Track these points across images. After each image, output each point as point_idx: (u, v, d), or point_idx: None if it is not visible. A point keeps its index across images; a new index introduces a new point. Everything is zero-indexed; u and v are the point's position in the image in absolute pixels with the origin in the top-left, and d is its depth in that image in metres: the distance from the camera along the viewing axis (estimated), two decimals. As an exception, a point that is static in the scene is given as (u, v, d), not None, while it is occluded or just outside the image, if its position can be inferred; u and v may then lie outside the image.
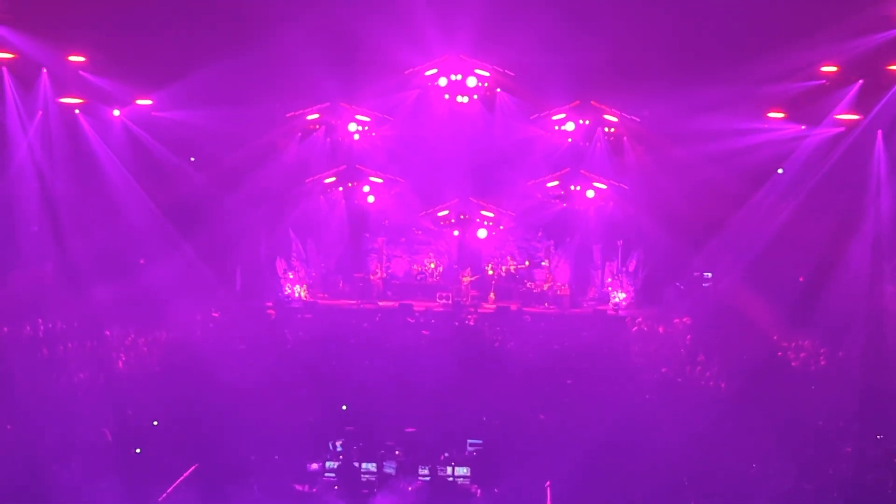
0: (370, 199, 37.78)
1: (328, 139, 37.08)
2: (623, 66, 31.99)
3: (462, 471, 19.55)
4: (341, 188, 37.87)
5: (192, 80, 31.48)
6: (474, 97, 36.09)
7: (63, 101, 31.90)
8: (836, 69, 30.58)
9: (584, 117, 36.27)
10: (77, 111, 32.84)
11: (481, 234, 37.39)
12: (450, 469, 19.53)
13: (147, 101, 33.27)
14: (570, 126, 36.40)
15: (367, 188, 37.68)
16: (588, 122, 36.29)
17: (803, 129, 32.96)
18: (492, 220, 37.54)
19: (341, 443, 20.18)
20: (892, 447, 19.27)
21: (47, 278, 30.75)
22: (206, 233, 33.92)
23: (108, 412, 19.79)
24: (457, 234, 37.85)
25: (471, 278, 36.25)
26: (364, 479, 19.40)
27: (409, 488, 18.47)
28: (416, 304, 34.74)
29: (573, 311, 35.27)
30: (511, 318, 33.29)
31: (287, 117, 35.90)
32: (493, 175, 37.15)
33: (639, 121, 35.51)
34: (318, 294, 36.82)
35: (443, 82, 35.64)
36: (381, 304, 35.07)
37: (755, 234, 33.08)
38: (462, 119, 36.45)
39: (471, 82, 35.70)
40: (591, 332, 30.40)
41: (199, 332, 27.95)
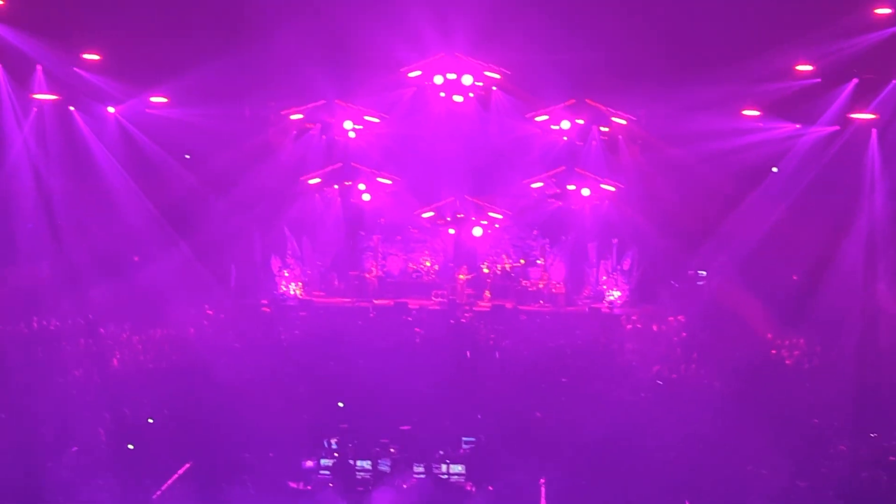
0: (366, 197, 37.76)
1: (323, 137, 37.05)
2: (618, 65, 31.95)
3: (457, 468, 19.58)
4: (336, 186, 37.85)
5: (186, 78, 31.44)
6: (470, 95, 36.06)
7: (37, 97, 31.73)
8: (830, 68, 30.57)
9: (579, 116, 36.26)
10: (72, 108, 32.82)
11: (477, 232, 37.39)
12: (445, 467, 19.56)
13: (162, 99, 33.22)
14: (565, 125, 36.39)
15: (362, 186, 37.66)
16: (583, 121, 36.25)
17: (798, 127, 33.00)
18: (487, 219, 37.56)
19: (336, 440, 20.19)
20: (886, 445, 19.33)
21: (42, 276, 30.71)
22: (201, 231, 33.90)
23: (103, 410, 19.80)
24: (452, 232, 37.86)
25: (466, 276, 36.26)
26: (359, 477, 19.42)
27: (405, 486, 18.48)
28: (412, 302, 34.72)
29: (568, 309, 35.28)
30: (506, 316, 33.30)
31: (282, 115, 35.85)
32: (488, 173, 37.14)
33: (634, 119, 35.51)
34: (314, 292, 36.81)
35: (438, 80, 35.61)
36: (376, 302, 35.05)
37: (749, 232, 33.12)
38: (458, 117, 36.42)
39: (466, 81, 35.65)
40: (585, 331, 30.41)
41: (194, 329, 27.90)
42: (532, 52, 32.70)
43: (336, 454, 19.84)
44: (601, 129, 36.33)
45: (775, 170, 33.84)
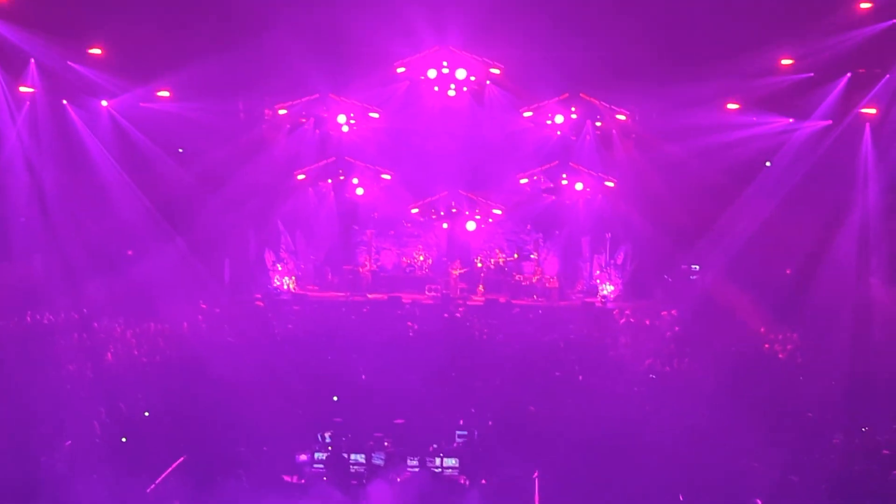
0: (359, 192, 37.78)
1: (317, 131, 37.04)
2: (612, 61, 31.99)
3: (451, 462, 19.58)
4: (330, 180, 37.84)
5: (180, 73, 31.42)
6: (464, 90, 36.06)
7: (23, 89, 31.70)
8: (824, 62, 30.60)
9: (573, 111, 36.27)
10: (64, 101, 32.77)
11: (470, 226, 37.42)
12: (438, 460, 19.55)
13: (159, 93, 33.13)
14: (559, 119, 36.43)
15: (356, 180, 37.66)
16: (575, 110, 36.23)
17: (791, 122, 33.06)
18: (481, 213, 37.58)
19: (330, 434, 20.17)
20: (879, 438, 19.36)
21: (36, 270, 30.67)
22: (195, 225, 33.88)
23: (97, 404, 19.77)
24: (446, 226, 37.88)
25: (460, 271, 36.29)
26: (353, 471, 19.39)
27: (398, 479, 18.47)
28: (405, 296, 34.78)
29: (561, 303, 35.38)
30: (500, 310, 33.37)
31: (276, 109, 35.81)
32: (482, 168, 37.21)
33: (628, 114, 35.54)
34: (307, 286, 36.83)
35: (432, 74, 35.61)
36: (370, 296, 35.09)
37: (743, 227, 33.17)
38: (452, 112, 36.45)
39: (460, 75, 35.68)
40: (579, 325, 30.45)
41: (188, 324, 27.88)
42: (526, 47, 32.74)
43: (330, 448, 19.81)
44: (595, 123, 36.37)
45: (768, 164, 33.90)
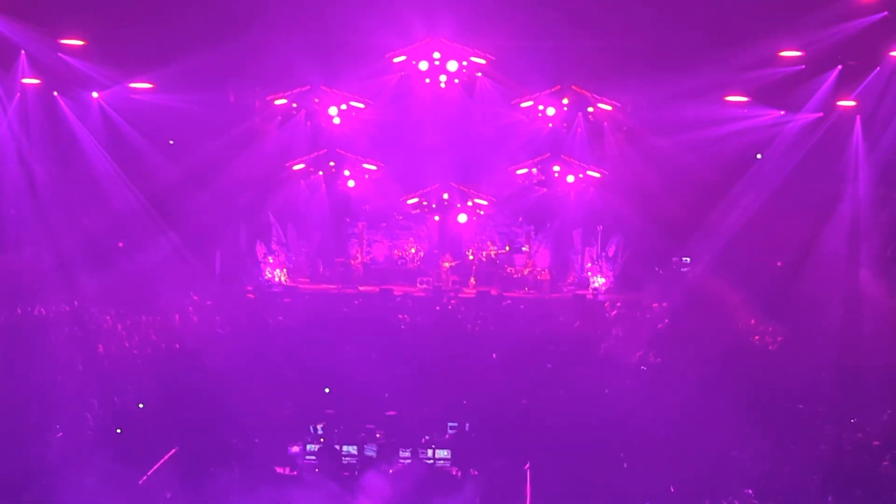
0: (350, 184, 37.73)
1: (308, 123, 36.96)
2: (603, 52, 32.00)
3: (443, 453, 19.64)
4: (321, 172, 37.79)
5: (171, 64, 31.33)
6: (455, 81, 36.01)
7: (25, 81, 31.68)
8: (815, 55, 30.63)
9: (564, 102, 36.24)
10: (55, 93, 32.68)
11: (462, 219, 37.41)
12: (430, 452, 19.61)
13: (147, 85, 33.03)
14: (550, 111, 36.40)
15: (347, 172, 37.62)
16: (568, 101, 36.20)
17: (782, 114, 33.09)
18: (472, 205, 37.57)
19: (322, 426, 20.22)
20: (869, 430, 19.45)
21: (26, 262, 30.57)
22: (187, 217, 33.80)
23: (89, 396, 19.77)
24: (437, 219, 37.87)
25: (451, 264, 36.29)
26: (345, 462, 19.45)
27: (390, 471, 18.52)
28: (397, 288, 34.74)
29: (553, 295, 35.34)
30: (491, 302, 33.34)
31: (267, 100, 35.72)
32: (473, 160, 37.14)
33: (619, 106, 35.52)
34: (299, 278, 36.79)
35: (423, 66, 35.55)
36: (361, 288, 35.04)
37: (734, 219, 33.21)
38: (443, 104, 36.38)
39: (451, 66, 35.61)
40: (570, 317, 30.47)
41: (180, 316, 27.86)
42: (517, 38, 32.71)
43: (322, 439, 19.87)
44: (588, 109, 36.27)
45: (759, 156, 33.94)
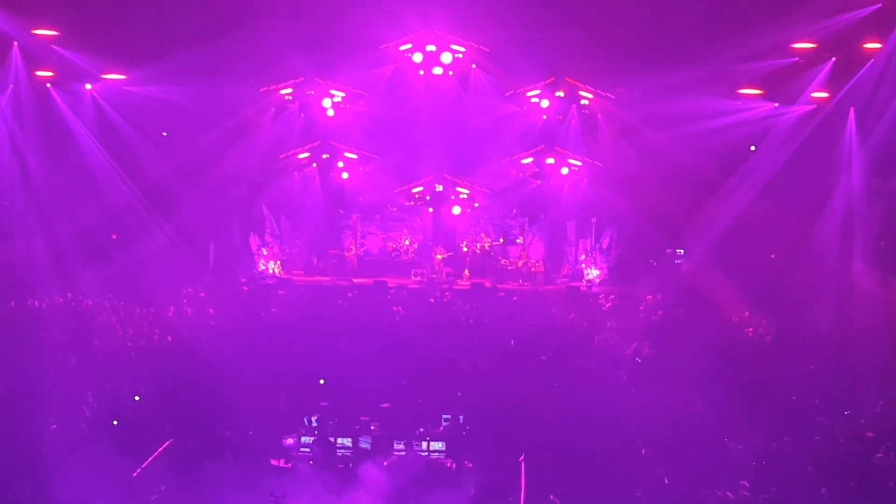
0: (344, 176, 37.72)
1: (302, 115, 36.91)
2: (598, 44, 31.96)
3: (437, 445, 19.67)
4: (315, 164, 37.76)
5: (164, 56, 31.23)
6: (449, 73, 35.97)
7: (39, 73, 31.69)
8: (811, 46, 30.60)
9: (559, 94, 36.21)
10: (48, 85, 32.60)
11: (456, 211, 37.44)
12: (425, 444, 19.64)
13: (119, 76, 32.97)
14: (545, 103, 36.39)
15: (341, 164, 37.60)
16: (563, 93, 36.18)
17: (776, 106, 33.12)
18: (466, 197, 37.59)
19: (317, 418, 20.23)
20: (863, 421, 19.51)
21: (20, 254, 30.51)
22: (181, 209, 33.77)
23: (84, 388, 19.76)
24: (431, 211, 37.88)
25: (443, 256, 36.30)
26: (339, 454, 19.47)
27: (385, 463, 18.55)
28: (391, 280, 34.77)
29: (547, 287, 35.38)
30: (485, 294, 33.37)
31: (261, 92, 35.64)
32: (468, 152, 37.13)
33: (613, 98, 35.49)
34: (293, 270, 36.79)
35: (417, 58, 35.50)
36: (355, 280, 35.06)
37: (727, 211, 33.24)
38: (437, 96, 36.35)
39: (445, 58, 35.57)
40: (564, 309, 30.48)
41: (174, 308, 27.85)
42: (511, 29, 32.69)
43: (316, 432, 19.89)
44: (581, 101, 36.23)
45: (753, 148, 33.97)
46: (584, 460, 17.64)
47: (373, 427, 20.18)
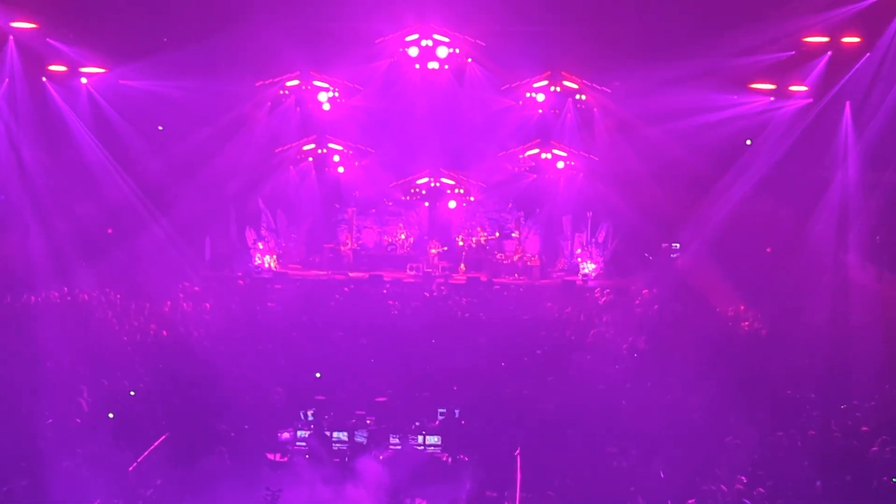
0: (340, 170, 37.71)
1: (298, 109, 36.89)
2: (594, 37, 31.96)
3: (433, 440, 19.65)
4: (311, 159, 37.75)
5: (161, 50, 31.22)
6: (445, 67, 35.94)
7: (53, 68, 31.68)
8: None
9: (554, 87, 36.18)
10: (44, 79, 32.55)
11: (451, 205, 37.44)
12: (421, 438, 19.63)
13: (100, 70, 32.79)
14: (540, 97, 36.38)
15: (336, 158, 37.59)
16: (559, 88, 36.14)
17: (772, 100, 33.12)
18: (462, 192, 37.59)
19: (312, 412, 20.21)
20: (858, 415, 19.52)
21: (16, 249, 30.48)
22: (177, 204, 33.74)
23: (79, 382, 19.74)
24: (427, 205, 37.88)
25: (438, 250, 36.30)
26: (335, 448, 19.46)
27: (381, 457, 18.54)
28: (387, 274, 34.77)
29: (543, 281, 35.41)
30: (481, 288, 33.38)
31: (257, 87, 35.59)
32: (464, 146, 37.14)
33: (609, 92, 35.46)
34: (289, 265, 36.79)
35: (413, 52, 35.47)
36: (351, 274, 35.05)
37: (723, 205, 33.26)
38: (433, 91, 36.32)
39: (441, 53, 35.54)
40: (560, 303, 30.50)
41: (171, 302, 27.84)
42: (507, 23, 32.67)
43: (312, 426, 19.87)
44: (577, 96, 36.21)
45: (749, 142, 33.98)
46: (580, 454, 17.63)
47: (369, 421, 20.15)
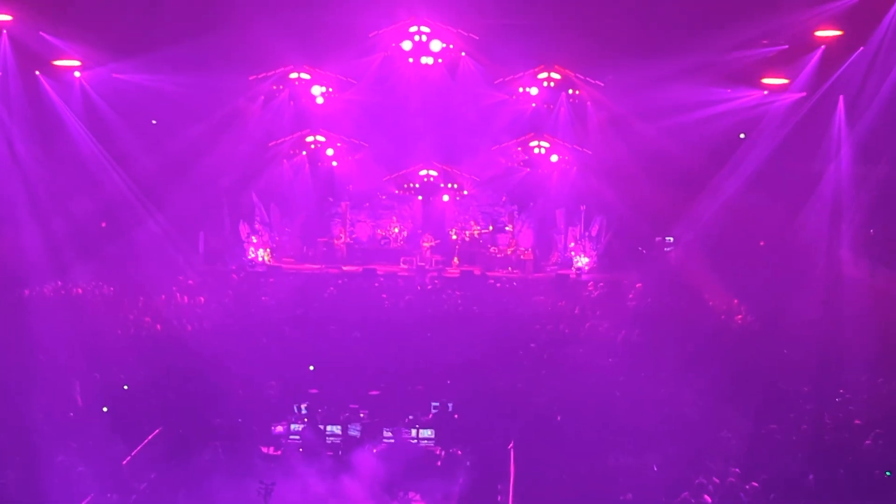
0: (334, 164, 37.70)
1: (291, 104, 36.86)
2: (587, 32, 31.94)
3: (426, 433, 19.68)
4: (305, 153, 37.73)
5: (154, 45, 31.14)
6: (439, 61, 35.91)
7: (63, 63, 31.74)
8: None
9: (548, 81, 36.18)
10: (37, 73, 32.49)
11: (445, 199, 37.46)
12: (414, 431, 19.65)
13: (75, 62, 32.68)
14: (534, 91, 36.38)
15: (330, 152, 37.59)
16: (552, 82, 36.13)
17: (765, 95, 33.15)
18: (456, 186, 37.61)
19: (306, 405, 20.23)
20: (851, 409, 19.59)
21: (10, 244, 30.43)
22: (171, 198, 33.72)
23: (72, 376, 19.75)
24: (421, 199, 37.89)
25: (430, 244, 36.31)
26: (329, 442, 19.48)
27: (374, 450, 18.56)
28: (380, 268, 34.79)
29: (536, 275, 35.44)
30: (475, 282, 33.40)
31: (250, 81, 35.53)
32: (457, 140, 37.13)
33: (602, 86, 35.44)
34: (283, 258, 36.79)
35: (407, 46, 35.43)
36: (344, 268, 35.06)
37: (716, 199, 33.30)
38: (426, 84, 36.30)
39: (435, 46, 35.51)
40: (553, 297, 30.55)
41: (165, 297, 27.84)
42: (501, 17, 32.66)
43: (305, 419, 19.88)
44: (570, 95, 36.22)
45: (742, 136, 34.01)
46: (573, 447, 17.66)
47: (362, 415, 20.18)
